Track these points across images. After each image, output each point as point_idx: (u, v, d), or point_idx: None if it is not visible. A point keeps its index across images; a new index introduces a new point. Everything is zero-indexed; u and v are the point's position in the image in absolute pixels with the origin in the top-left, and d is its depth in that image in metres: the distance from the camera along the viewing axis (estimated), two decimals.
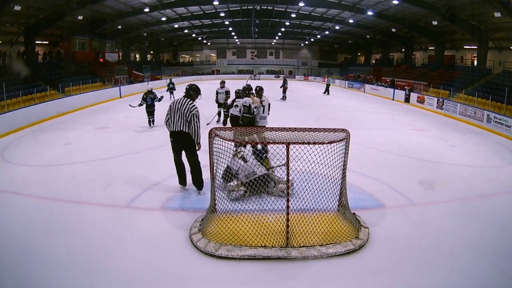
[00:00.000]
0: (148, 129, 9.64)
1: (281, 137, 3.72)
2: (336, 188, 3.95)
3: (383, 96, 20.79)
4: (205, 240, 3.48)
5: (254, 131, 4.50)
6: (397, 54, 29.65)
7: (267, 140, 3.75)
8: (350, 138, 3.83)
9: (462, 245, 3.60)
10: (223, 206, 4.00)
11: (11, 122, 9.61)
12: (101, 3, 18.25)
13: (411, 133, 9.67)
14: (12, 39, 17.14)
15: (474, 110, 12.21)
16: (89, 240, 3.58)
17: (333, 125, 4.61)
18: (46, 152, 7.21)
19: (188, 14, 25.84)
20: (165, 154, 6.99)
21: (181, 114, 4.45)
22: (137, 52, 34.67)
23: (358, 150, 6.95)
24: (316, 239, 3.51)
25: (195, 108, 4.48)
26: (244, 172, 4.58)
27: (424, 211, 4.45)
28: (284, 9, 25.13)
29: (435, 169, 6.28)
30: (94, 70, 21.40)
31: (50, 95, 13.57)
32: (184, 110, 4.44)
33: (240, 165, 4.65)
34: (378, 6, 19.97)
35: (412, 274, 3.10)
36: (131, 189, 4.96)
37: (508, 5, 13.36)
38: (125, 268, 3.13)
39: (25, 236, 3.65)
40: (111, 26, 23.66)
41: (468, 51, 20.50)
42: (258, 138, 4.29)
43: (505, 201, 4.91)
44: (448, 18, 16.77)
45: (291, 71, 41.18)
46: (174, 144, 4.64)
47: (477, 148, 8.34)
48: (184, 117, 4.44)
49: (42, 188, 5.03)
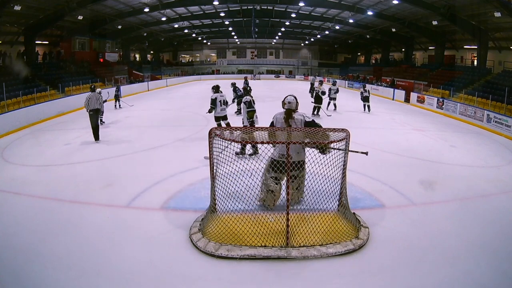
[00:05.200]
0: (148, 129, 9.64)
1: (281, 137, 3.71)
2: (336, 188, 3.95)
3: (383, 96, 20.79)
4: (205, 240, 3.48)
5: (253, 131, 4.49)
6: (397, 54, 29.64)
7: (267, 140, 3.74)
8: (350, 138, 3.83)
9: (462, 245, 3.60)
10: (223, 206, 4.00)
11: (11, 122, 9.62)
12: (101, 3, 18.25)
13: (411, 133, 9.66)
14: (12, 39, 17.14)
15: (474, 110, 12.21)
16: (89, 240, 3.58)
17: (333, 125, 4.60)
18: (46, 152, 7.21)
19: (188, 14, 25.83)
20: (165, 154, 7.03)
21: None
22: (137, 52, 34.66)
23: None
24: (316, 239, 3.51)
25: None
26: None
27: (424, 211, 4.44)
28: (284, 9, 25.12)
29: (435, 169, 6.28)
30: (94, 70, 21.40)
31: (50, 95, 13.57)
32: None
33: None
34: (378, 6, 19.96)
35: (412, 274, 3.10)
36: (131, 189, 4.96)
37: (508, 5, 13.35)
38: (125, 268, 3.13)
39: (25, 236, 3.65)
40: (111, 26, 23.65)
41: (468, 51, 20.49)
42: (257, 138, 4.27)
43: (505, 201, 4.90)
44: (448, 18, 16.76)
45: (291, 71, 41.19)
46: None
47: (477, 148, 8.34)
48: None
49: (42, 188, 5.03)
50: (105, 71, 22.21)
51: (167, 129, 9.72)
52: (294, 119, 3.97)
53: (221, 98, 7.49)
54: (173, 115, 12.49)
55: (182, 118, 11.65)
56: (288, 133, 3.77)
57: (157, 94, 21.14)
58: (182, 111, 13.45)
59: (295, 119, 4.00)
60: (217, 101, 7.40)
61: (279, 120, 4.07)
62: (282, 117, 4.07)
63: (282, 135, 3.78)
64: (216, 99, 7.40)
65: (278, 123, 4.05)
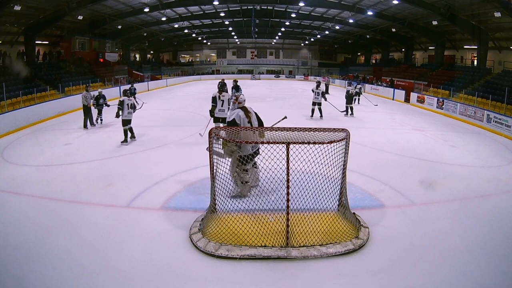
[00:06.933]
0: (148, 128, 9.64)
1: (281, 137, 3.71)
2: (336, 188, 3.95)
3: (383, 96, 20.78)
4: (205, 240, 3.48)
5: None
6: (397, 54, 29.64)
7: (267, 140, 3.75)
8: (350, 137, 3.83)
9: (462, 245, 3.60)
10: (223, 206, 4.00)
11: (11, 122, 9.62)
12: (101, 3, 18.23)
13: (411, 133, 9.66)
14: (12, 39, 17.13)
15: (474, 110, 12.21)
16: (89, 240, 3.58)
17: (333, 125, 4.60)
18: (46, 152, 7.21)
19: (188, 14, 25.82)
20: (165, 154, 7.03)
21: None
22: (137, 52, 34.66)
23: (358, 150, 6.96)
24: (316, 239, 3.51)
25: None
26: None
27: (424, 211, 4.45)
28: (284, 9, 25.12)
29: (435, 169, 6.28)
30: (94, 70, 21.40)
31: (50, 95, 13.56)
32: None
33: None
34: (378, 6, 19.96)
35: (412, 274, 3.10)
36: (131, 189, 4.96)
37: (508, 5, 13.35)
38: (125, 268, 3.14)
39: (25, 236, 3.66)
40: (111, 26, 23.65)
41: (468, 51, 20.49)
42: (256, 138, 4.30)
43: (505, 201, 4.90)
44: (448, 18, 16.76)
45: (291, 71, 41.20)
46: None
47: (477, 148, 8.33)
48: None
49: (42, 188, 5.03)
50: (105, 71, 22.19)
51: (167, 129, 9.72)
52: (250, 113, 4.78)
53: (223, 98, 7.18)
54: (173, 115, 12.49)
55: (182, 118, 11.64)
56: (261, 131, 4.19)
57: (157, 94, 21.14)
58: (182, 111, 13.45)
59: (250, 113, 4.79)
60: (217, 100, 7.12)
61: (242, 116, 4.68)
62: (243, 113, 4.71)
63: (251, 134, 4.18)
64: (216, 97, 7.12)
65: (242, 119, 4.66)
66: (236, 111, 4.73)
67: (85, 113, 9.81)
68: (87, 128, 9.71)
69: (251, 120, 4.72)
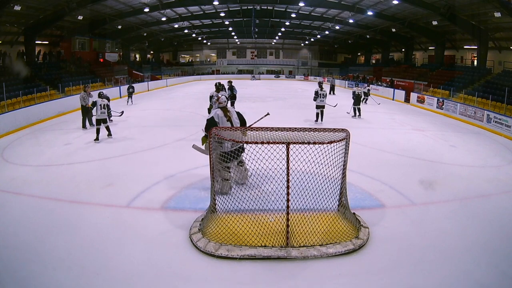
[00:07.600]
0: (148, 128, 9.65)
1: (281, 137, 3.71)
2: (336, 188, 3.95)
3: (383, 96, 20.79)
4: (205, 240, 3.48)
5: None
6: (397, 54, 29.64)
7: (267, 140, 3.74)
8: (350, 138, 3.83)
9: (462, 245, 3.60)
10: (223, 206, 4.00)
11: (11, 122, 9.62)
12: (101, 3, 18.23)
13: (411, 133, 9.66)
14: (12, 39, 17.12)
15: (474, 110, 12.21)
16: (89, 240, 3.58)
17: (333, 125, 4.60)
18: (46, 152, 7.21)
19: (188, 14, 25.82)
20: (165, 154, 7.03)
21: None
22: (137, 52, 34.66)
23: (358, 150, 6.96)
24: (316, 239, 3.51)
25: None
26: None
27: (424, 211, 4.45)
28: (284, 9, 25.12)
29: (435, 169, 6.28)
30: (94, 70, 21.39)
31: (50, 95, 13.56)
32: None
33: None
34: (378, 6, 19.96)
35: (412, 274, 3.10)
36: (131, 189, 4.96)
37: (508, 5, 13.35)
38: (125, 267, 3.14)
39: (25, 236, 3.65)
40: (111, 26, 23.64)
41: (468, 51, 20.49)
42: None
43: (505, 201, 4.91)
44: (448, 18, 16.75)
45: (291, 71, 41.19)
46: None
47: (477, 148, 8.33)
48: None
49: (42, 188, 5.03)
50: (105, 71, 22.19)
51: (167, 129, 9.72)
52: (229, 112, 4.90)
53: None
54: (173, 115, 12.49)
55: (182, 118, 11.64)
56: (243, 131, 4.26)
57: (157, 94, 21.15)
58: (182, 111, 13.45)
59: (230, 112, 4.91)
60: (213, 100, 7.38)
61: (220, 115, 4.80)
62: (222, 114, 4.83)
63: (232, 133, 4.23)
64: (213, 97, 7.37)
65: (220, 117, 4.78)
66: (215, 111, 4.93)
67: (83, 113, 9.82)
68: (86, 128, 9.71)
69: (232, 119, 4.86)
